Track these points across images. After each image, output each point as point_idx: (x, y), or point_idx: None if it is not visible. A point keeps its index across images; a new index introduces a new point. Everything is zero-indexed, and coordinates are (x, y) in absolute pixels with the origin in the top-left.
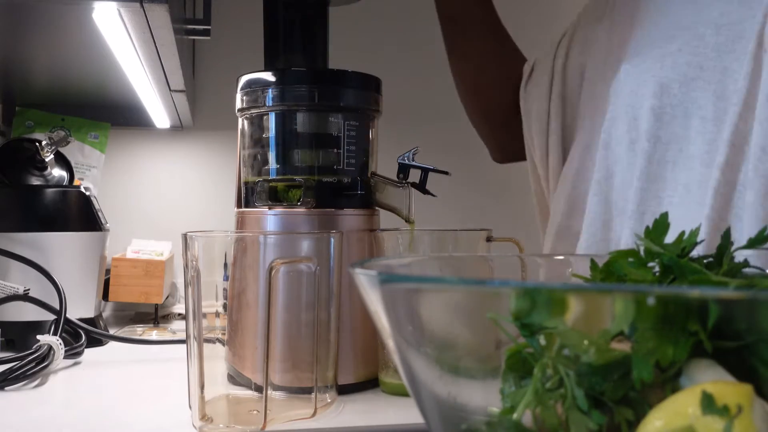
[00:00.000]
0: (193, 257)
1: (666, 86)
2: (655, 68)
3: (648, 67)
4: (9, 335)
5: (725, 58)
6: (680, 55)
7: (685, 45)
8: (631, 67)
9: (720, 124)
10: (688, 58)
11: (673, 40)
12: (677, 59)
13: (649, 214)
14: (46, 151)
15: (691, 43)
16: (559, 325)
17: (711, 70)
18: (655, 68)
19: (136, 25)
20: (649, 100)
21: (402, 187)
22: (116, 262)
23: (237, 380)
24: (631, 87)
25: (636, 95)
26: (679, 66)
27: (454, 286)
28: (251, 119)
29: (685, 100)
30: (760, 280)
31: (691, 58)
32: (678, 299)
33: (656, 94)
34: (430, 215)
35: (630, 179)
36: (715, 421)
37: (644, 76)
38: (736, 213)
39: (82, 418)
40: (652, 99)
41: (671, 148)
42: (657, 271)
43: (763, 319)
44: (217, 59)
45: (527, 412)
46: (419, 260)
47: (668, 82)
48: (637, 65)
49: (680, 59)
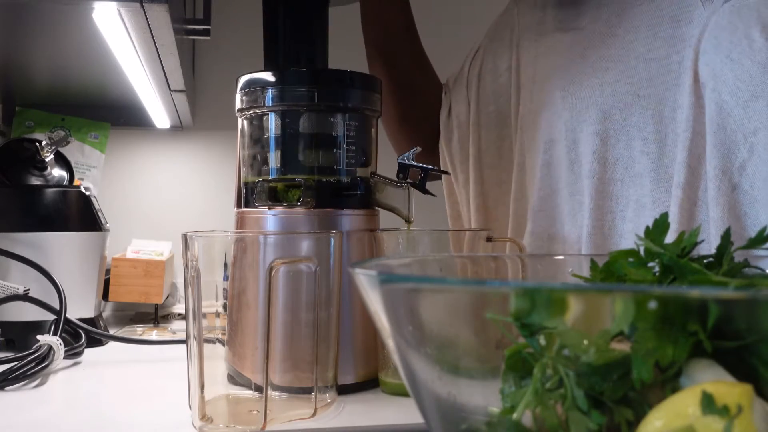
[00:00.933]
0: (193, 257)
1: (608, 112)
2: (594, 96)
3: (587, 95)
4: (9, 335)
5: (658, 88)
6: (618, 85)
7: (620, 75)
8: (568, 95)
9: (662, 144)
10: (626, 87)
11: (608, 71)
12: (616, 88)
13: (606, 227)
14: (46, 151)
15: (625, 73)
16: (558, 325)
17: (646, 98)
18: (594, 96)
19: (136, 25)
20: (592, 126)
21: (402, 187)
22: (116, 262)
23: (237, 380)
24: (570, 113)
25: (576, 120)
26: (618, 94)
27: (454, 286)
28: (251, 119)
29: (627, 125)
30: (760, 280)
31: (628, 87)
32: (678, 299)
33: (599, 120)
34: (430, 215)
35: (575, 196)
36: (715, 421)
37: (584, 103)
38: (704, 227)
39: (82, 418)
40: (595, 124)
41: (618, 168)
42: (657, 271)
43: (763, 319)
44: (217, 59)
45: (527, 412)
46: (419, 260)
47: (609, 108)
48: (574, 93)
49: (619, 88)
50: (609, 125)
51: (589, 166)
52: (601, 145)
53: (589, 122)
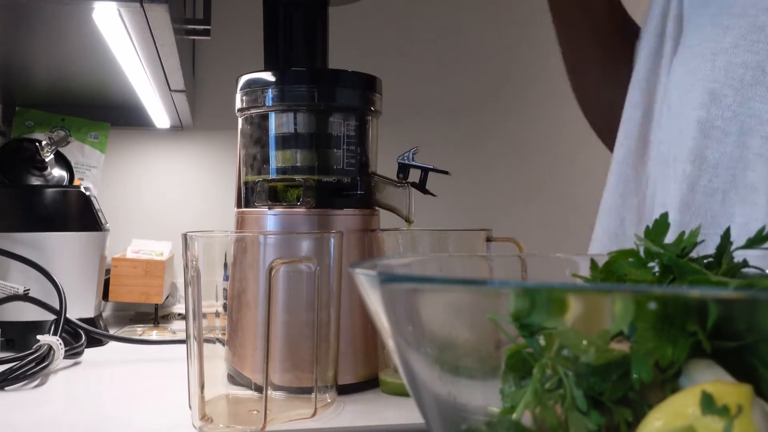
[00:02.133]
0: (193, 257)
1: (717, 94)
2: (704, 69)
3: (696, 67)
4: (9, 335)
5: None
6: (735, 53)
7: (741, 39)
8: (678, 66)
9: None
10: (745, 57)
11: (727, 31)
12: (732, 59)
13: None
14: (46, 151)
15: (748, 37)
16: (558, 325)
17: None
18: (704, 69)
19: (136, 25)
20: (694, 111)
21: (402, 187)
22: (116, 262)
23: (237, 380)
24: (678, 91)
25: (682, 102)
26: (733, 67)
27: (454, 286)
28: (251, 119)
29: (741, 113)
30: (760, 280)
31: (749, 57)
32: (678, 299)
33: (704, 104)
34: (430, 215)
35: (667, 207)
36: (715, 421)
37: (691, 78)
38: None
39: (82, 418)
40: (698, 110)
41: (721, 174)
42: (657, 271)
43: (764, 319)
44: (217, 59)
45: (527, 412)
46: (419, 260)
47: (720, 88)
48: (684, 63)
49: (735, 59)
50: (716, 112)
51: (681, 167)
52: (702, 138)
53: (692, 106)
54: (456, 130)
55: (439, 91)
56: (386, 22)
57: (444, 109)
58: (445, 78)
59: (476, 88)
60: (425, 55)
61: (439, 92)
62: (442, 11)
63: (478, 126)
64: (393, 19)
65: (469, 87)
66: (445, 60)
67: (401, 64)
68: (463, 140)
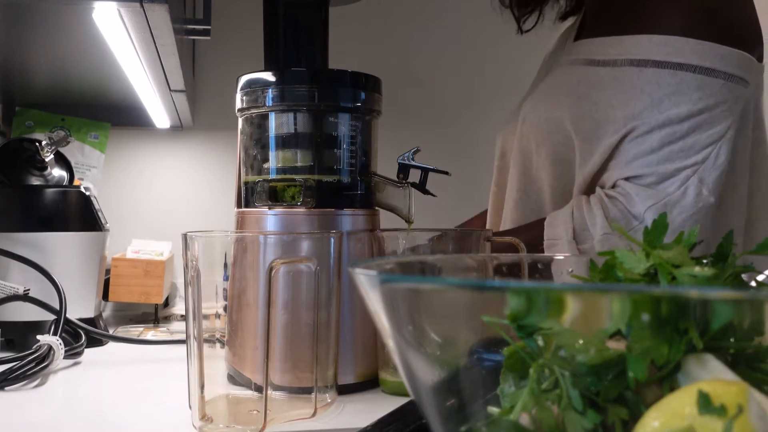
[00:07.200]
0: (193, 257)
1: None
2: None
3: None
4: (9, 335)
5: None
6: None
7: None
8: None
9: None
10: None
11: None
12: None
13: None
14: (46, 151)
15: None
16: (554, 325)
17: None
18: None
19: (136, 25)
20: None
21: (402, 187)
22: (116, 262)
23: (237, 380)
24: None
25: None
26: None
27: (454, 286)
28: (251, 119)
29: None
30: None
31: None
32: (675, 299)
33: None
34: (430, 215)
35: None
36: (713, 421)
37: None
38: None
39: (82, 418)
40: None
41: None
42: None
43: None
44: (217, 59)
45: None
46: (419, 260)
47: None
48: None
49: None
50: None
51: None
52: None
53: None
54: (456, 130)
55: (440, 91)
56: (386, 22)
57: (444, 110)
58: (446, 78)
59: (476, 88)
60: (425, 56)
61: (439, 92)
62: (442, 11)
63: (479, 126)
64: (393, 19)
65: (470, 87)
66: (445, 60)
67: (401, 64)
68: (463, 140)
